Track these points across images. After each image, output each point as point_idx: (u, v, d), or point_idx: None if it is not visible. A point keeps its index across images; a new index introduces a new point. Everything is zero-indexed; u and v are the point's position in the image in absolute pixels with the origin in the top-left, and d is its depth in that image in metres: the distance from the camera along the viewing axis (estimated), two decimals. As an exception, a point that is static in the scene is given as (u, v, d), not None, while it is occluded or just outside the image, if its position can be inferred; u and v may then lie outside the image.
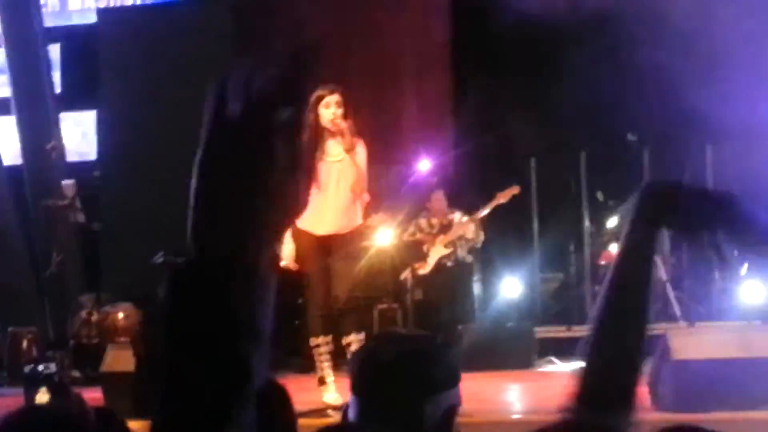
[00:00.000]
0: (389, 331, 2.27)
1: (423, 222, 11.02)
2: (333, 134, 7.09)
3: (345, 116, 7.07)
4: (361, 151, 7.16)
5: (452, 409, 2.11)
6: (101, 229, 11.46)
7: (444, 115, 13.06)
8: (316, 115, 7.05)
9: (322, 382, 7.19)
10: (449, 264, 10.88)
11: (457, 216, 10.93)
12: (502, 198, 10.93)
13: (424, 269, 10.92)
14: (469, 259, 10.94)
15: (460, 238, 10.89)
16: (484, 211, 10.84)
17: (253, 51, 13.30)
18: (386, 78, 12.81)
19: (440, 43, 12.40)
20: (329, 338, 7.17)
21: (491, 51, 11.96)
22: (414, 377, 2.09)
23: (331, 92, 7.07)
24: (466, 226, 10.84)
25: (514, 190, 10.91)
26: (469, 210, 10.97)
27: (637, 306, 1.85)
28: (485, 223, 10.95)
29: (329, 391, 7.12)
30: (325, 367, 7.18)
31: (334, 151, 7.14)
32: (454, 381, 2.15)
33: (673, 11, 10.99)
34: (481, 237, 10.89)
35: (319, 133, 7.03)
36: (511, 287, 11.20)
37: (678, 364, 6.19)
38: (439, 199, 11.04)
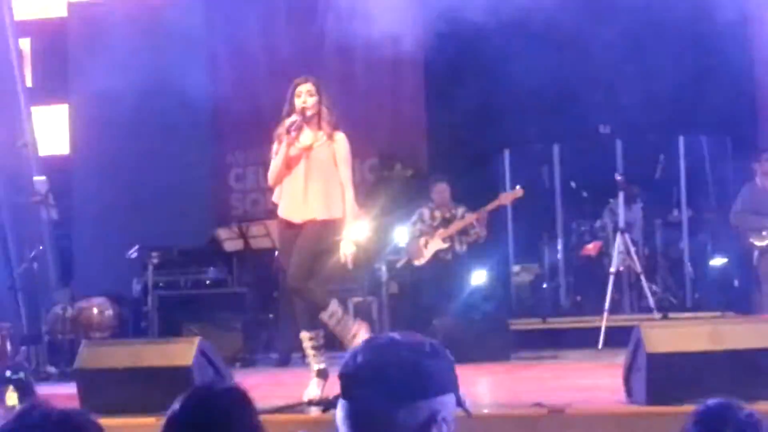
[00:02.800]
0: (381, 335, 2.21)
1: (426, 213, 11.05)
2: (308, 123, 7.11)
3: (319, 104, 7.10)
4: (340, 140, 7.16)
5: (432, 418, 2.08)
6: (61, 220, 11.41)
7: (417, 109, 13.07)
8: (292, 106, 7.09)
9: (320, 374, 7.13)
10: (447, 258, 10.91)
11: (460, 211, 10.96)
12: (506, 199, 10.94)
13: (420, 261, 10.95)
14: (465, 252, 10.95)
15: (460, 233, 10.92)
16: (486, 209, 10.86)
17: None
18: (360, 70, 12.81)
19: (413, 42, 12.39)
20: (315, 333, 7.13)
21: (461, 47, 11.99)
22: (383, 385, 2.06)
23: (305, 81, 7.12)
24: (467, 222, 10.87)
25: (519, 192, 10.90)
26: (472, 206, 10.98)
27: None
28: (487, 220, 10.98)
29: (309, 385, 7.10)
30: (311, 362, 7.16)
31: (305, 138, 7.14)
32: (439, 390, 2.11)
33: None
34: (484, 234, 10.92)
35: (291, 127, 7.04)
36: (483, 279, 11.20)
37: (651, 357, 6.21)
38: (441, 190, 11.05)
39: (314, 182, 7.09)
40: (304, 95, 7.11)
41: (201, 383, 3.51)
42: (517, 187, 11.01)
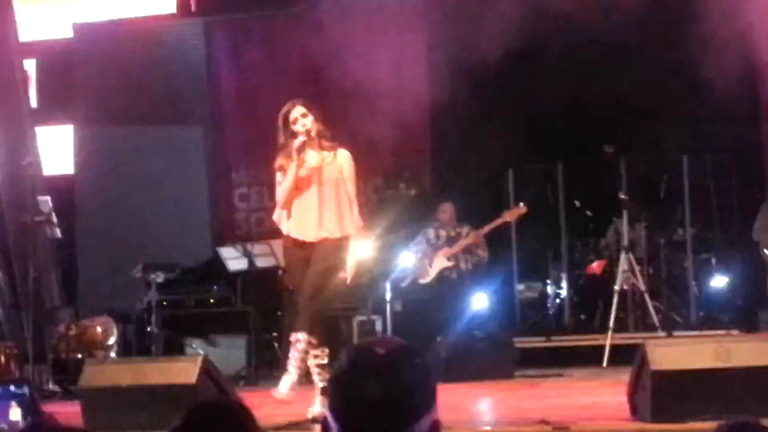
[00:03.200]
0: (364, 351, 2.15)
1: (431, 232, 11.11)
2: (310, 143, 7.15)
3: (316, 123, 7.15)
4: (344, 156, 7.20)
5: (435, 426, 2.11)
6: (65, 240, 11.43)
7: (421, 128, 13.07)
8: (291, 132, 7.12)
9: (324, 392, 7.14)
10: (452, 277, 10.93)
11: (465, 230, 10.99)
12: (509, 216, 10.95)
13: (425, 279, 10.98)
14: (470, 270, 10.97)
15: (464, 251, 10.95)
16: (489, 228, 10.88)
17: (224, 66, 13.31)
18: (363, 91, 12.84)
19: (417, 57, 12.42)
20: (321, 350, 7.14)
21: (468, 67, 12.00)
22: (396, 411, 2.07)
23: (293, 105, 7.16)
24: (470, 241, 10.89)
25: (522, 209, 10.90)
26: (476, 225, 10.99)
27: None
28: (488, 240, 11.02)
29: (313, 403, 7.10)
30: (316, 379, 7.17)
31: (311, 159, 7.18)
32: (434, 399, 2.13)
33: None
34: (485, 256, 10.97)
35: (300, 148, 7.09)
36: (487, 299, 11.21)
37: (656, 374, 6.20)
38: (446, 210, 11.11)
39: (328, 202, 7.13)
40: (300, 119, 7.15)
41: (203, 399, 3.51)
42: (521, 204, 11.01)
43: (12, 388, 6.43)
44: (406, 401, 2.08)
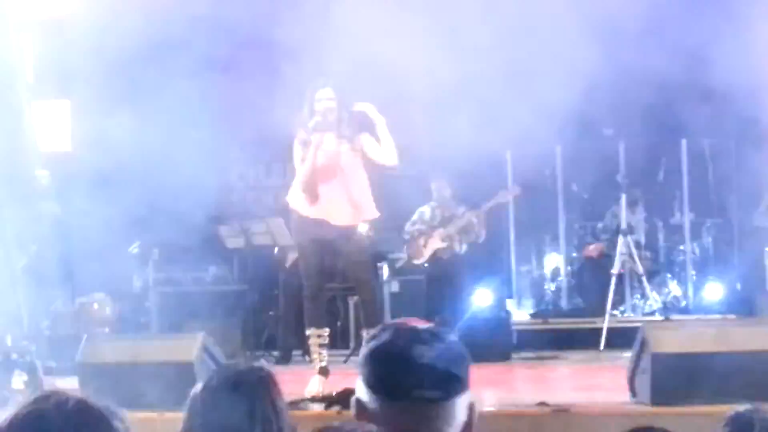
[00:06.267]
0: (403, 325, 2.11)
1: (427, 212, 11.02)
2: (328, 128, 7.10)
3: (339, 108, 7.09)
4: (366, 142, 7.18)
5: (472, 407, 2.07)
6: (62, 216, 11.41)
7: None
8: (311, 110, 7.09)
9: (322, 372, 7.19)
10: (445, 257, 10.89)
11: (461, 210, 10.93)
12: (504, 197, 10.92)
13: (419, 260, 10.93)
14: (464, 251, 10.93)
15: (459, 232, 10.89)
16: (485, 208, 10.84)
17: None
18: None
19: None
20: (322, 331, 7.17)
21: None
22: (449, 377, 2.01)
23: (323, 85, 7.13)
24: (466, 221, 10.84)
25: (516, 191, 10.89)
26: (472, 205, 10.95)
27: None
28: (486, 220, 10.96)
29: (311, 382, 7.11)
30: (315, 358, 7.19)
31: (330, 144, 7.14)
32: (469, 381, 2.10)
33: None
34: (483, 234, 10.90)
35: (317, 128, 7.07)
36: (487, 281, 11.20)
37: (656, 357, 6.20)
38: (440, 187, 11.01)
39: (350, 188, 7.13)
40: (325, 101, 7.10)
41: (226, 363, 3.51)
42: (516, 186, 11.01)
43: (14, 355, 6.43)
44: (456, 368, 2.03)
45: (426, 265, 10.95)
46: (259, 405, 2.65)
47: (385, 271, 11.03)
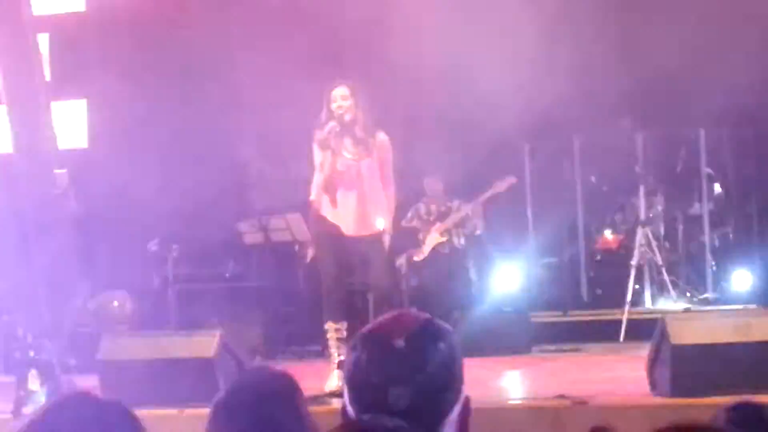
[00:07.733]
0: (382, 342, 2.06)
1: (422, 207, 10.99)
2: (346, 132, 7.05)
3: (355, 108, 7.04)
4: (381, 142, 7.14)
5: (466, 406, 2.05)
6: (81, 213, 11.44)
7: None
8: (329, 111, 7.04)
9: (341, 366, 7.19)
10: (445, 251, 10.86)
11: (456, 203, 10.90)
12: (499, 188, 10.90)
13: (419, 257, 10.90)
14: (463, 244, 10.91)
15: (457, 225, 10.86)
16: (481, 199, 10.80)
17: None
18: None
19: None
20: (341, 324, 7.18)
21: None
22: (425, 416, 1.99)
23: (339, 84, 7.06)
24: (463, 214, 10.80)
25: (512, 179, 10.87)
26: (467, 198, 10.92)
27: None
28: (483, 211, 10.92)
29: (330, 377, 7.11)
30: (333, 353, 7.20)
31: (348, 147, 7.11)
32: (462, 382, 2.10)
33: None
34: (481, 225, 10.86)
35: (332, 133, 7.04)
36: (507, 273, 11.18)
37: (676, 349, 6.19)
38: (431, 184, 10.99)
39: (368, 196, 7.13)
40: (339, 100, 7.04)
41: (249, 367, 3.51)
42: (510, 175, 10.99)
43: (31, 353, 6.44)
44: (435, 405, 1.98)
45: (426, 260, 10.90)
46: (283, 414, 2.63)
47: (404, 264, 10.99)
